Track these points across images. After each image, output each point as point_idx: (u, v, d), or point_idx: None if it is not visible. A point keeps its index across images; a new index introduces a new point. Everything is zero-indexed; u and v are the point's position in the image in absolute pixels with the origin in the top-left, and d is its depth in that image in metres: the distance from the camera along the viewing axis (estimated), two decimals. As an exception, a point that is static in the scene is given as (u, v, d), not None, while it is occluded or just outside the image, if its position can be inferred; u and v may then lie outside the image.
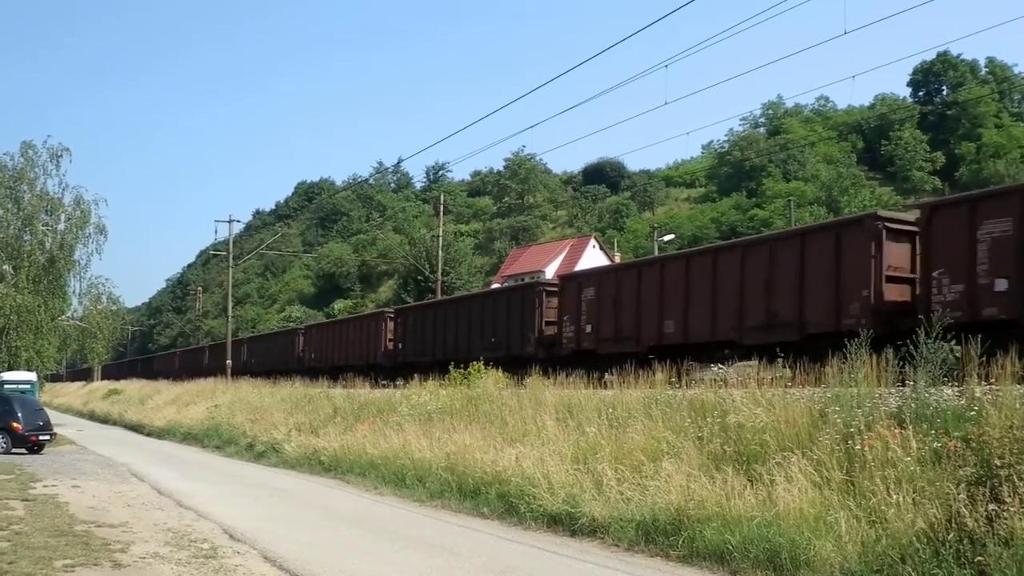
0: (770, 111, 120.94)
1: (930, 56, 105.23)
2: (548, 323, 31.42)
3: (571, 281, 31.57)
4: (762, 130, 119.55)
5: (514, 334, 32.86)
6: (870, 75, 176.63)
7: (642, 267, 29.30)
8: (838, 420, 12.86)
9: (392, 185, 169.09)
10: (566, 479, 15.95)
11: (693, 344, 24.54)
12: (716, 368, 19.53)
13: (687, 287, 25.03)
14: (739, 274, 23.37)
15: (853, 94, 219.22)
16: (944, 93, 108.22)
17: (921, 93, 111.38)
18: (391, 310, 47.08)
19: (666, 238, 73.16)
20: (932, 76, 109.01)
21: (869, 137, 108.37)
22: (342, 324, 54.30)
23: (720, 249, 27.02)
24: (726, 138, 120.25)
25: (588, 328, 28.80)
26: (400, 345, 42.11)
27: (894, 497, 10.85)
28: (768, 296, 22.37)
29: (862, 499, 11.35)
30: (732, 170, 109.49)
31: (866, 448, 11.90)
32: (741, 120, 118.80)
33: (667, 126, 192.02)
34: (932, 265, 18.78)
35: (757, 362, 21.37)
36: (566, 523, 15.05)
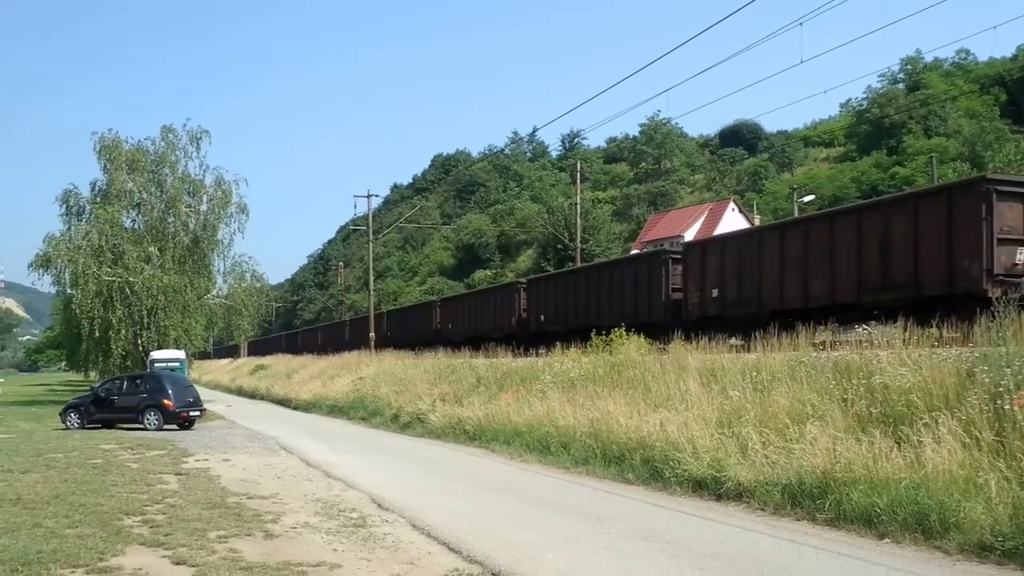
0: (909, 66, 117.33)
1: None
2: (674, 289, 32.10)
3: (695, 248, 32.78)
4: (901, 86, 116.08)
5: (642, 301, 33.72)
6: (1012, 25, 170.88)
7: (764, 233, 30.28)
8: (986, 379, 12.63)
9: (528, 154, 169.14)
10: (710, 443, 15.96)
11: (814, 308, 24.72)
12: (860, 329, 19.38)
13: (806, 252, 25.61)
14: (856, 238, 23.80)
15: (995, 45, 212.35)
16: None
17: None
18: (523, 281, 48.28)
19: (806, 199, 71.63)
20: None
21: (1012, 90, 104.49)
22: (477, 296, 55.54)
23: (837, 214, 27.27)
24: (864, 95, 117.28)
25: (714, 293, 29.45)
26: (533, 314, 43.29)
27: (1046, 458, 10.66)
28: (884, 259, 22.82)
29: (1012, 460, 11.15)
30: (871, 128, 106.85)
31: (1016, 408, 11.69)
32: (879, 76, 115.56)
33: (804, 85, 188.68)
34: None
35: (874, 324, 22.02)
36: (711, 487, 15.07)
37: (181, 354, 47.60)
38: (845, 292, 24.01)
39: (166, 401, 34.19)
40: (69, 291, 50.57)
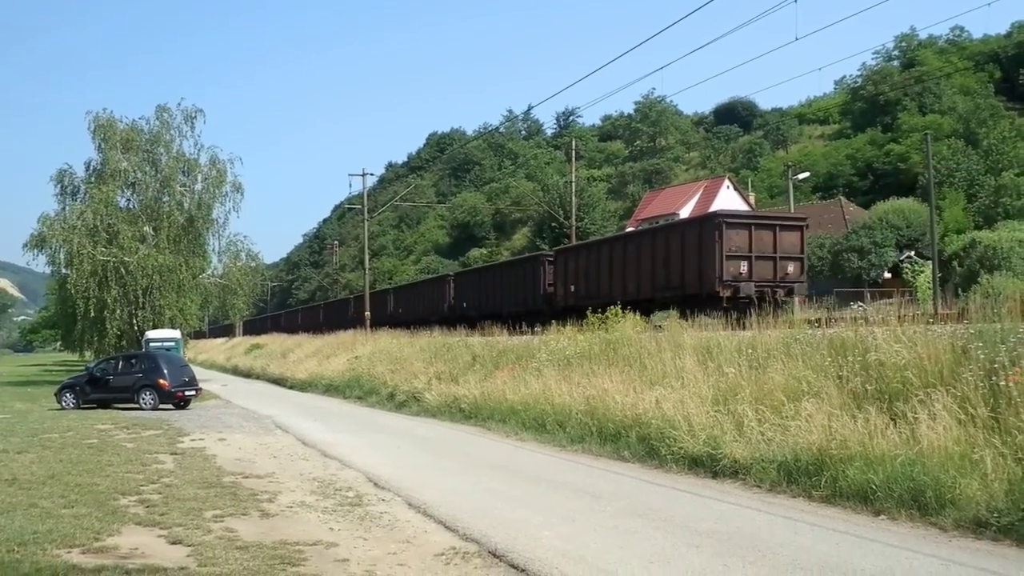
0: (903, 43, 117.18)
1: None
2: (549, 284, 42.81)
3: (562, 254, 43.45)
4: (896, 63, 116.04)
5: (528, 292, 44.68)
6: (1006, 2, 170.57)
7: (601, 245, 41.40)
8: (981, 356, 12.62)
9: (523, 133, 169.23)
10: (706, 421, 15.96)
11: (629, 300, 31.55)
12: (855, 306, 19.51)
13: (624, 261, 36.00)
14: (651, 253, 34.13)
15: (989, 22, 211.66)
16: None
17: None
18: (452, 273, 61.09)
19: (800, 176, 71.37)
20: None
21: (1006, 66, 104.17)
22: (418, 286, 69.65)
23: (644, 233, 41.74)
24: (859, 73, 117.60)
25: (572, 288, 39.52)
26: (459, 301, 53.64)
27: (1040, 433, 10.66)
28: (666, 268, 32.85)
29: (1007, 436, 11.16)
30: (866, 105, 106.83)
31: (1011, 384, 11.69)
32: (874, 54, 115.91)
33: (799, 62, 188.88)
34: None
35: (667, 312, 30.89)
36: (707, 465, 15.09)
37: (176, 333, 47.39)
38: (645, 290, 33.84)
39: (161, 381, 34.03)
40: (64, 271, 50.36)
